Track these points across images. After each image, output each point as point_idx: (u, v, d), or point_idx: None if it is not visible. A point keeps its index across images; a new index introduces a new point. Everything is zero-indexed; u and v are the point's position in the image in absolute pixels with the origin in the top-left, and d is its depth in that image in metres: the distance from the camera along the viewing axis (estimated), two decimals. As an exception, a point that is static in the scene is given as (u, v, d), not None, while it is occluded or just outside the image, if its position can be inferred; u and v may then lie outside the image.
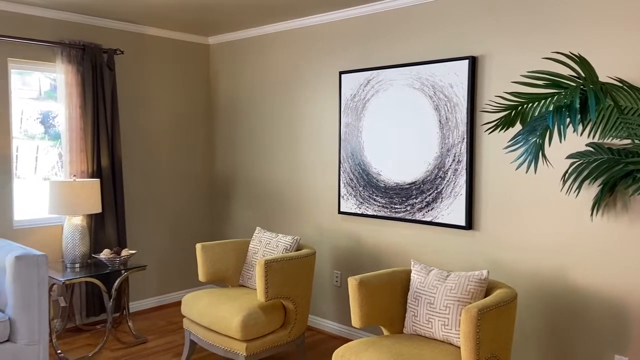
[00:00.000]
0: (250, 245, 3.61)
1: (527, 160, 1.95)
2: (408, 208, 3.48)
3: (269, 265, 3.02)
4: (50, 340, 3.42)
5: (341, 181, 3.85)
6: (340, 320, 3.96)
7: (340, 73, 3.81)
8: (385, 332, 2.81)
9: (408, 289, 2.84)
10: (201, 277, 3.50)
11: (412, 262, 2.87)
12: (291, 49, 4.19)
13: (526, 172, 2.05)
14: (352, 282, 2.66)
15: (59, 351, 3.42)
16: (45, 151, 4.19)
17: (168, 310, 4.49)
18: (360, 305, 2.65)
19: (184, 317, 3.46)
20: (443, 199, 3.30)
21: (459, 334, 2.53)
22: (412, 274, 2.82)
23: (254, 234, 3.65)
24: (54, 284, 3.57)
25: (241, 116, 4.65)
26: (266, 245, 3.49)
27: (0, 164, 3.68)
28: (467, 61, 3.15)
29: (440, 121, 3.30)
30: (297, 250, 3.43)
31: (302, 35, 4.10)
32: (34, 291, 3.00)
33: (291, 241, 3.41)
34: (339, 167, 3.86)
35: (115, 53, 4.12)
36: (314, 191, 4.08)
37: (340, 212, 3.87)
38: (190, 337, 3.36)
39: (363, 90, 3.69)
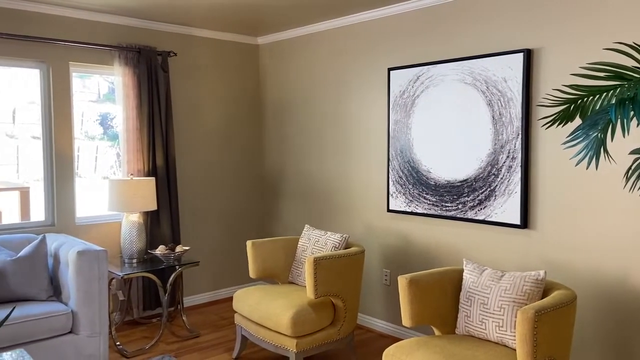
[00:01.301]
0: (299, 242, 3.64)
1: (588, 156, 1.86)
2: (459, 206, 3.40)
3: (318, 262, 3.03)
4: (110, 333, 3.57)
5: (390, 179, 3.81)
6: (390, 319, 3.92)
7: (389, 70, 3.77)
8: (437, 332, 2.76)
9: (460, 289, 2.78)
10: (252, 273, 3.56)
11: (464, 262, 2.80)
12: (339, 47, 4.18)
13: (586, 168, 1.95)
14: (402, 281, 2.63)
15: (117, 343, 3.56)
16: (104, 151, 4.37)
17: (220, 306, 4.60)
18: (410, 304, 2.61)
19: (235, 312, 3.53)
20: (497, 197, 3.21)
21: (514, 336, 2.45)
22: (464, 274, 2.76)
23: (303, 232, 3.67)
24: (113, 279, 3.72)
25: (290, 115, 4.69)
26: (315, 242, 3.51)
27: (63, 164, 3.87)
28: (522, 54, 3.04)
29: (493, 117, 3.21)
30: (345, 248, 3.42)
31: (350, 32, 4.09)
32: (95, 285, 3.14)
33: (340, 239, 3.41)
34: (388, 165, 3.82)
35: (169, 55, 4.24)
36: (363, 189, 4.06)
37: (389, 210, 3.83)
38: (242, 333, 3.42)
39: (412, 87, 3.63)
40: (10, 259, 3.15)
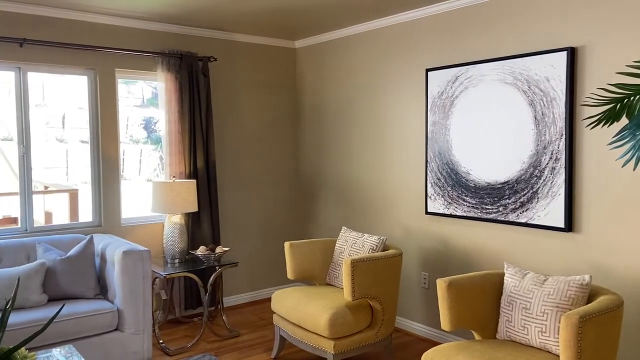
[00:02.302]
0: (336, 244, 3.65)
1: (635, 157, 1.80)
2: (500, 209, 3.34)
3: (356, 264, 3.04)
4: (153, 331, 3.67)
5: (428, 181, 3.78)
6: (428, 323, 3.88)
7: (427, 70, 3.74)
8: (477, 337, 2.72)
9: (501, 293, 2.73)
10: (289, 274, 3.59)
11: (506, 265, 2.75)
12: (376, 49, 4.18)
13: (633, 169, 1.89)
14: (441, 284, 2.60)
15: (160, 341, 3.66)
16: (148, 154, 4.51)
17: (259, 306, 4.66)
18: (449, 308, 2.58)
19: (274, 313, 3.57)
20: (539, 199, 3.13)
21: (558, 342, 2.38)
22: (505, 277, 2.71)
23: (340, 234, 3.68)
24: (156, 278, 3.83)
25: (327, 117, 4.71)
26: (352, 244, 3.51)
27: (109, 167, 4.01)
28: (565, 52, 2.96)
29: (535, 117, 3.14)
30: (383, 250, 3.41)
31: (387, 34, 4.08)
32: (139, 284, 3.24)
33: (377, 241, 3.40)
34: (426, 167, 3.79)
35: (209, 60, 4.34)
36: (400, 191, 4.04)
37: (427, 213, 3.79)
38: (280, 333, 3.46)
39: (451, 87, 3.59)
40: (60, 258, 3.30)
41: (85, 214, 4.14)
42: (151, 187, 3.89)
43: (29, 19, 3.62)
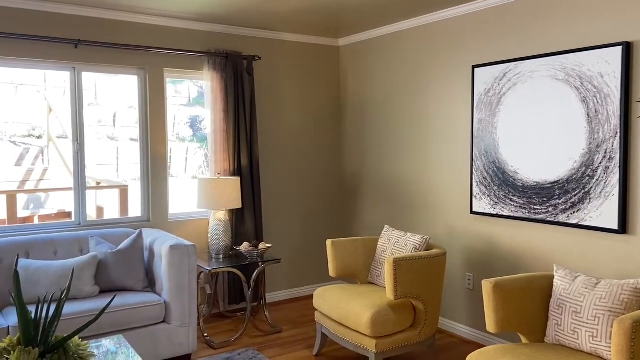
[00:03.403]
0: (378, 243, 3.63)
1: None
2: (550, 209, 3.23)
3: (398, 263, 3.01)
4: (198, 324, 3.76)
5: (474, 180, 3.70)
6: (472, 325, 3.81)
7: (473, 67, 3.66)
8: (524, 340, 2.64)
9: (550, 296, 2.65)
10: (331, 272, 3.60)
11: (555, 267, 2.66)
12: (420, 46, 4.12)
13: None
14: (486, 285, 2.55)
15: (205, 334, 3.75)
16: (194, 152, 4.62)
17: (301, 303, 4.69)
18: (495, 310, 2.52)
19: (315, 310, 3.58)
20: (591, 200, 3.01)
21: (609, 347, 2.29)
22: (555, 280, 2.62)
23: (383, 232, 3.66)
24: (201, 272, 3.92)
25: (370, 115, 4.69)
26: (395, 243, 3.48)
27: (158, 164, 4.13)
28: (620, 47, 2.84)
29: (588, 114, 3.02)
30: (426, 250, 3.37)
31: (432, 30, 4.02)
32: (185, 278, 3.32)
33: (421, 240, 3.36)
34: (471, 166, 3.71)
35: (254, 59, 4.40)
36: (444, 190, 3.98)
37: (472, 212, 3.72)
38: (322, 330, 3.48)
39: (498, 84, 3.50)
40: (111, 251, 3.42)
41: (135, 209, 4.28)
42: (197, 184, 3.99)
43: (83, 21, 3.76)
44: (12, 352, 1.84)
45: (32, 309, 2.60)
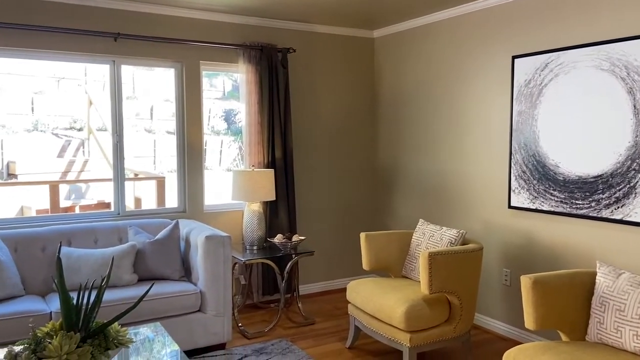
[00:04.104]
0: (413, 237, 3.59)
1: None
2: (592, 204, 3.12)
3: (433, 257, 2.97)
4: (233, 314, 3.81)
5: (512, 174, 3.61)
6: (509, 321, 3.73)
7: (513, 58, 3.56)
8: (564, 338, 2.57)
9: (592, 293, 2.56)
10: (365, 265, 3.58)
11: (598, 264, 2.57)
12: (457, 37, 4.04)
13: None
14: (525, 281, 2.48)
15: (239, 324, 3.79)
16: (228, 145, 4.66)
17: (333, 296, 4.69)
18: (534, 307, 2.46)
19: (349, 303, 3.58)
20: (637, 195, 2.90)
21: (657, 349, 2.20)
22: (597, 277, 2.53)
23: (417, 226, 3.61)
24: (236, 263, 3.96)
25: (405, 107, 4.63)
26: (429, 237, 3.43)
27: (194, 156, 4.19)
28: (671, 35, 2.71)
29: (635, 106, 2.90)
30: (462, 244, 3.31)
31: (470, 20, 3.93)
32: (220, 268, 3.36)
33: (456, 235, 3.30)
34: (510, 159, 3.62)
35: (289, 52, 4.40)
36: (481, 184, 3.90)
37: (510, 207, 3.63)
38: (355, 323, 3.47)
39: (539, 75, 3.40)
40: (149, 241, 3.49)
41: (171, 200, 4.36)
42: (231, 176, 4.02)
43: (122, 15, 3.84)
44: (54, 336, 1.90)
45: (73, 295, 2.68)
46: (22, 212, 6.49)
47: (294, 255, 3.94)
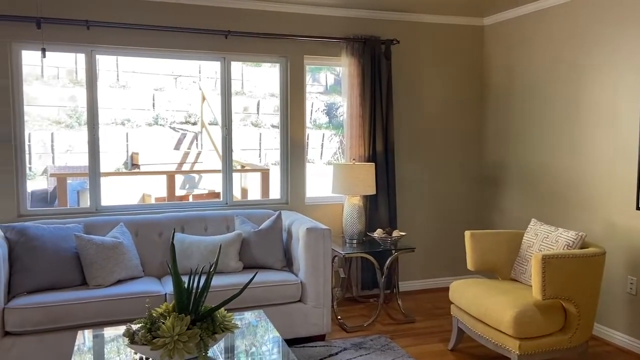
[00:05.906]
0: (524, 237, 3.35)
1: None
2: None
3: (548, 260, 2.75)
4: (332, 306, 3.82)
5: (642, 171, 3.23)
6: (633, 334, 3.36)
7: (647, 41, 3.18)
8: None
9: None
10: (470, 265, 3.42)
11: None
12: (577, 23, 3.69)
13: None
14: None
15: (338, 317, 3.80)
16: (329, 139, 4.69)
17: (434, 295, 4.55)
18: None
19: (451, 303, 3.44)
20: None
21: None
22: None
23: (529, 226, 3.37)
24: (335, 256, 3.97)
25: (516, 100, 4.34)
26: (543, 239, 3.19)
27: (297, 149, 4.26)
28: None
29: None
30: (581, 247, 3.03)
31: (591, 4, 3.56)
32: (320, 260, 3.39)
33: (574, 237, 3.03)
34: (639, 156, 3.25)
35: (392, 43, 4.31)
36: (602, 183, 3.54)
37: (639, 208, 3.26)
38: (458, 325, 3.32)
39: (679, 60, 3.00)
40: (254, 230, 3.61)
41: (275, 192, 4.48)
42: (332, 169, 4.04)
43: (232, 12, 3.99)
44: (167, 317, 2.01)
45: (185, 279, 2.84)
46: (144, 199, 7.06)
47: (394, 251, 3.86)
